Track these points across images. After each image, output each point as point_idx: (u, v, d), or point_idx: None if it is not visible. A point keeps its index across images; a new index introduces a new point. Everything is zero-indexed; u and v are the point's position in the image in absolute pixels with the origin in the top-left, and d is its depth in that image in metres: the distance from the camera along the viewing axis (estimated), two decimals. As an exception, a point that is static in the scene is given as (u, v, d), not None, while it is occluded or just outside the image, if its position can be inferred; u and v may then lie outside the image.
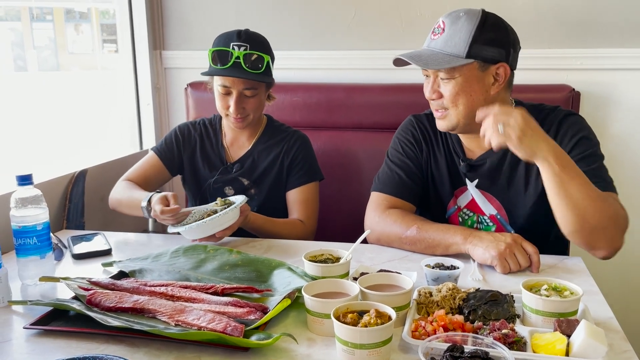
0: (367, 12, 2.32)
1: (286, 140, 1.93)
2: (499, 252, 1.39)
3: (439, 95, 1.53)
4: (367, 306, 1.04)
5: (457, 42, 1.47)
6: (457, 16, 1.49)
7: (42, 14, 10.73)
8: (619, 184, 1.50)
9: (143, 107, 2.51)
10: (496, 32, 1.49)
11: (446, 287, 1.17)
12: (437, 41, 1.51)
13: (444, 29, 1.50)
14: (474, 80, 1.49)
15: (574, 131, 1.53)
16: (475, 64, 1.48)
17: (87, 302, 1.19)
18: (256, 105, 1.85)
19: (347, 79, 2.35)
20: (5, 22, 4.15)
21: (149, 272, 1.38)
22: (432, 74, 1.53)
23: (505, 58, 1.50)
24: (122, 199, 1.84)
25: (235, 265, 1.38)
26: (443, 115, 1.55)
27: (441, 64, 1.47)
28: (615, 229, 1.39)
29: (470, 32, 1.46)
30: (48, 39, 10.61)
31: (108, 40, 2.80)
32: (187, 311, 1.13)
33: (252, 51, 1.77)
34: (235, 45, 1.77)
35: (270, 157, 1.92)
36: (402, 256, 1.53)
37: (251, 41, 1.79)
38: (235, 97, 1.79)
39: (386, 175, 1.70)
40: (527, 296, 1.11)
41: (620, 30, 2.14)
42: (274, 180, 1.91)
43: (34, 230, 1.34)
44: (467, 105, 1.50)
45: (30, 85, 5.58)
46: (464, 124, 1.54)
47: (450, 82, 1.50)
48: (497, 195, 1.63)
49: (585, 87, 2.16)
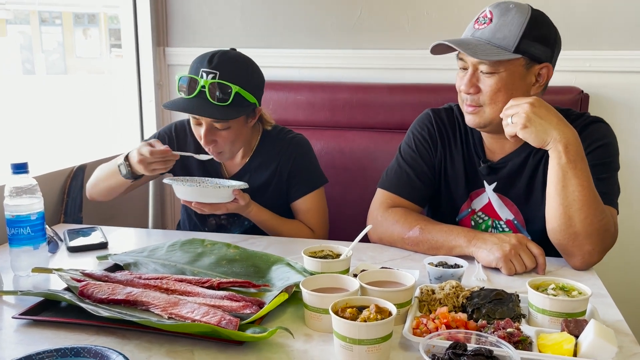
0: (373, 11, 2.29)
1: (283, 150, 1.78)
2: (504, 254, 1.35)
3: (476, 89, 1.45)
4: (367, 301, 1.01)
5: (506, 34, 1.40)
6: (507, 8, 1.42)
7: (51, 18, 10.77)
8: (627, 188, 1.47)
9: (145, 104, 2.48)
10: (546, 30, 1.43)
11: (449, 285, 1.13)
12: (483, 31, 1.43)
13: (491, 19, 1.42)
14: (517, 77, 1.42)
15: (593, 139, 1.48)
16: (521, 60, 1.41)
17: (79, 294, 1.16)
18: (230, 139, 1.65)
19: (352, 78, 2.32)
20: (15, 26, 4.17)
21: (144, 265, 1.35)
22: (471, 65, 1.44)
23: (550, 58, 1.45)
24: (97, 174, 1.77)
25: (232, 260, 1.35)
26: (476, 111, 1.47)
27: (489, 55, 1.39)
28: (598, 243, 1.36)
29: (522, 25, 1.39)
30: (56, 43, 10.65)
31: (116, 45, 2.79)
32: (181, 304, 1.09)
33: (220, 80, 1.56)
34: (204, 71, 1.57)
35: (268, 172, 1.78)
36: (404, 255, 1.49)
37: (222, 67, 1.57)
38: (205, 129, 1.61)
39: (395, 173, 1.64)
40: (533, 295, 1.07)
41: (629, 32, 2.10)
42: (273, 194, 1.79)
43: (28, 220, 1.31)
44: (506, 103, 1.41)
45: (38, 88, 5.61)
46: (498, 123, 1.45)
47: (492, 77, 1.42)
48: (515, 200, 1.57)
49: (593, 90, 2.12)
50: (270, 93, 2.26)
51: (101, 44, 4.38)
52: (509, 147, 1.56)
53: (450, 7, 2.19)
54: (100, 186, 1.77)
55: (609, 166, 1.47)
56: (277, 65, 2.36)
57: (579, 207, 1.31)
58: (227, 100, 1.57)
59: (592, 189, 1.33)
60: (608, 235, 1.37)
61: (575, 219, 1.32)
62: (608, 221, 1.36)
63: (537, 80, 1.46)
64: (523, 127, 1.32)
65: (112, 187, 1.75)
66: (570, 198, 1.31)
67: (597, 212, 1.33)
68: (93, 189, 1.81)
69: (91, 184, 1.81)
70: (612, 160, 1.49)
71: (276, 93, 2.27)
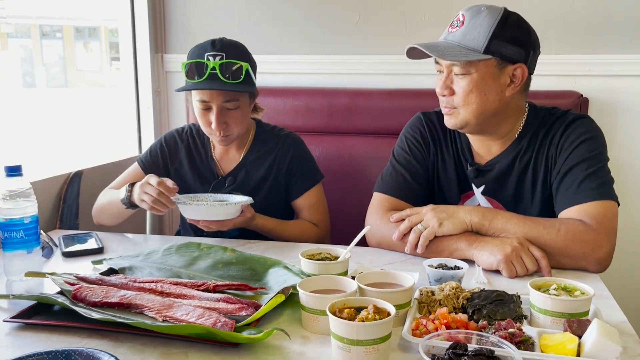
0: (371, 17, 2.29)
1: (279, 146, 1.81)
2: (505, 255, 1.33)
3: (450, 91, 1.47)
4: (365, 302, 0.98)
5: (476, 36, 1.41)
6: (478, 10, 1.44)
7: (52, 31, 10.85)
8: (627, 191, 1.46)
9: (143, 111, 2.47)
10: (518, 31, 1.43)
11: (449, 286, 1.11)
12: (455, 34, 1.44)
13: (463, 22, 1.44)
14: (489, 78, 1.43)
15: (576, 135, 1.48)
16: (493, 60, 1.42)
17: (73, 297, 1.13)
18: (239, 119, 1.70)
19: (351, 83, 2.31)
20: (16, 39, 4.18)
21: (139, 269, 1.33)
22: (445, 68, 1.46)
23: (524, 59, 1.44)
24: (103, 201, 1.77)
25: (229, 263, 1.33)
26: (451, 112, 1.49)
27: (457, 56, 1.41)
28: (599, 249, 1.35)
29: (491, 26, 1.40)
30: (57, 56, 10.74)
31: (116, 58, 2.78)
32: (175, 306, 1.07)
33: (229, 60, 1.63)
34: (210, 55, 1.63)
35: (264, 167, 1.80)
36: (403, 259, 1.47)
37: (227, 49, 1.64)
38: (215, 111, 1.65)
39: (390, 176, 1.64)
40: (535, 295, 1.05)
41: (629, 36, 2.10)
42: (270, 190, 1.80)
43: (21, 224, 1.29)
44: (479, 104, 1.44)
45: (39, 100, 5.62)
46: (475, 124, 1.48)
47: (464, 78, 1.44)
48: (504, 203, 1.57)
49: (593, 94, 2.11)
50: (269, 99, 2.25)
51: (102, 57, 4.37)
52: (495, 149, 1.57)
53: (449, 12, 2.17)
54: (107, 212, 1.77)
55: (596, 158, 1.46)
56: (276, 71, 2.36)
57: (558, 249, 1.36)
58: (239, 78, 1.64)
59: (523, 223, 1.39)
60: (605, 236, 1.36)
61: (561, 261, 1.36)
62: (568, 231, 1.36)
63: (512, 81, 1.46)
64: (440, 228, 1.43)
65: (113, 215, 1.75)
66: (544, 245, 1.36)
67: (575, 240, 1.35)
68: (99, 215, 1.80)
69: (97, 210, 1.80)
70: (600, 152, 1.48)
71: (274, 99, 2.26)
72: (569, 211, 1.42)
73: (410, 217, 1.47)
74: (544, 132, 1.53)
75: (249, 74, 1.67)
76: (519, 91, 1.49)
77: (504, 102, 1.47)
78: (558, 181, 1.47)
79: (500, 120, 1.51)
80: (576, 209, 1.40)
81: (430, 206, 1.47)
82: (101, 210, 1.78)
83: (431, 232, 1.42)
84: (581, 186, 1.42)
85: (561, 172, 1.47)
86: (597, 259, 1.35)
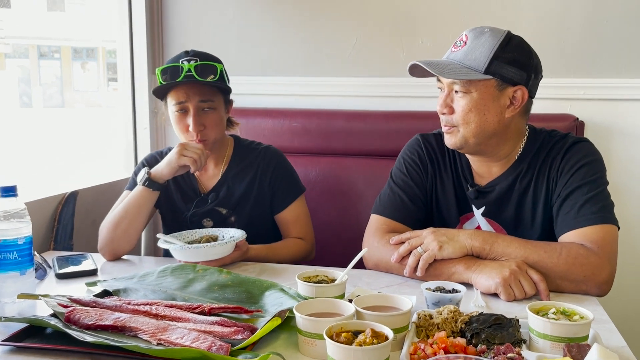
0: (368, 40, 2.31)
1: (259, 159, 1.83)
2: (503, 278, 1.32)
3: (450, 110, 1.48)
4: (363, 326, 0.97)
5: (477, 56, 1.42)
6: (482, 31, 1.45)
7: (49, 52, 10.85)
8: (623, 213, 1.46)
9: (140, 131, 2.47)
10: (519, 54, 1.44)
11: (447, 310, 1.10)
12: (457, 53, 1.46)
13: (465, 42, 1.45)
14: (489, 98, 1.44)
15: (576, 159, 1.48)
16: (493, 81, 1.43)
17: (66, 320, 1.12)
18: (216, 121, 1.73)
19: (348, 105, 2.32)
20: (13, 59, 4.19)
21: (133, 291, 1.31)
22: (447, 87, 1.47)
23: (525, 82, 1.45)
24: (115, 214, 1.69)
25: (224, 285, 1.32)
26: (450, 131, 1.50)
27: (458, 74, 1.42)
28: (599, 274, 1.35)
29: (493, 48, 1.42)
30: (54, 76, 10.73)
31: (113, 79, 2.80)
32: (170, 329, 1.05)
33: (204, 62, 1.69)
34: (185, 60, 1.68)
35: (246, 181, 1.81)
36: (401, 281, 1.46)
37: (200, 55, 1.72)
38: (192, 112, 1.68)
39: (388, 198, 1.63)
40: (534, 319, 1.04)
41: (623, 60, 2.12)
42: (254, 204, 1.80)
43: (15, 245, 1.27)
44: (478, 124, 1.45)
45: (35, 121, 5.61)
46: (474, 144, 1.49)
47: (464, 97, 1.44)
48: (504, 225, 1.57)
49: (589, 117, 2.12)
50: (266, 120, 2.26)
51: (99, 78, 4.38)
52: (495, 171, 1.57)
53: (445, 35, 2.20)
54: (124, 221, 1.67)
55: (596, 182, 1.46)
56: (273, 93, 2.37)
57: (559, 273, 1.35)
58: (215, 77, 1.70)
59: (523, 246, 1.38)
60: (606, 260, 1.36)
61: (561, 284, 1.36)
62: (569, 255, 1.35)
63: (512, 102, 1.46)
64: (440, 251, 1.42)
65: (135, 215, 1.68)
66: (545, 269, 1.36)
67: (576, 264, 1.34)
68: (114, 232, 1.67)
69: (110, 227, 1.67)
70: (600, 176, 1.48)
71: (272, 120, 2.26)
72: (570, 235, 1.41)
73: (410, 240, 1.47)
74: (544, 155, 1.53)
75: (222, 75, 1.73)
76: (519, 113, 1.49)
77: (503, 123, 1.47)
78: (558, 205, 1.47)
79: (500, 141, 1.51)
80: (577, 233, 1.40)
81: (430, 229, 1.46)
82: (117, 225, 1.66)
83: (431, 255, 1.41)
84: (581, 210, 1.42)
85: (561, 195, 1.47)
86: (598, 282, 1.35)
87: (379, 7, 2.28)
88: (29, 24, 7.32)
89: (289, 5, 2.36)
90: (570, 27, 2.14)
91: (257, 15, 2.39)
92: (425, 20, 2.25)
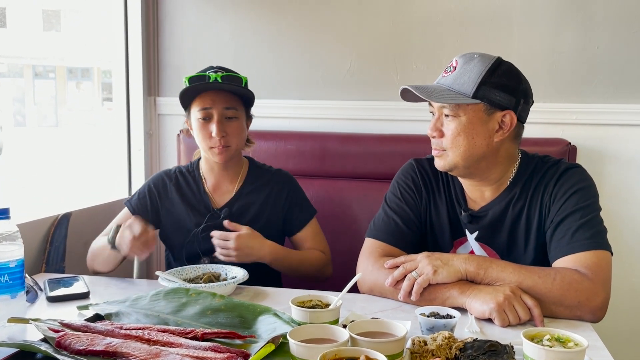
0: (363, 64, 2.33)
1: (273, 181, 1.88)
2: (497, 304, 1.32)
3: (440, 133, 1.50)
4: (357, 352, 0.97)
5: (465, 80, 1.44)
6: (471, 57, 1.48)
7: (44, 71, 10.99)
8: (616, 239, 1.46)
9: (134, 153, 2.47)
10: (507, 79, 1.46)
11: (442, 336, 1.09)
12: (447, 78, 1.49)
13: (455, 67, 1.48)
14: (477, 122, 1.46)
15: (569, 185, 1.50)
16: (481, 105, 1.45)
17: (56, 345, 1.10)
18: (238, 131, 1.78)
19: (342, 128, 2.34)
20: (8, 79, 4.21)
21: (126, 315, 1.30)
22: (437, 110, 1.50)
23: (514, 107, 1.46)
24: (94, 248, 1.77)
25: (218, 310, 1.30)
26: (440, 154, 1.52)
27: (445, 98, 1.45)
28: (594, 299, 1.35)
29: (481, 73, 1.44)
30: (49, 96, 10.82)
31: (108, 99, 2.81)
32: (162, 355, 1.04)
33: (229, 73, 1.77)
34: (211, 71, 1.75)
35: (260, 201, 1.84)
36: (395, 306, 1.46)
37: (225, 69, 1.79)
38: (216, 119, 1.73)
39: (382, 222, 1.64)
40: (528, 346, 1.03)
41: (615, 86, 2.15)
42: (265, 224, 1.82)
43: (7, 268, 1.27)
44: (467, 147, 1.47)
45: (29, 139, 5.60)
46: (463, 167, 1.50)
47: (453, 121, 1.46)
48: (498, 249, 1.57)
49: (581, 141, 2.14)
50: (260, 142, 2.26)
51: (93, 97, 4.39)
52: (488, 195, 1.58)
53: (438, 59, 2.23)
54: (100, 259, 1.75)
55: (589, 208, 1.47)
56: (268, 115, 2.37)
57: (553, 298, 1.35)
58: (240, 86, 1.77)
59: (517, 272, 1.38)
60: (600, 286, 1.36)
61: (555, 310, 1.36)
62: (562, 281, 1.36)
63: (501, 127, 1.48)
64: (435, 276, 1.41)
65: (105, 260, 1.73)
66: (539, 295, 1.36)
67: (570, 289, 1.34)
68: (92, 262, 1.78)
69: (90, 256, 1.78)
70: (593, 202, 1.49)
71: (266, 142, 2.27)
72: (563, 261, 1.42)
73: (404, 264, 1.47)
74: (537, 180, 1.54)
75: (247, 86, 1.80)
76: (509, 138, 1.51)
77: (492, 147, 1.49)
78: (552, 230, 1.48)
79: (490, 165, 1.52)
80: (570, 259, 1.41)
81: (425, 253, 1.46)
82: (94, 257, 1.77)
83: (425, 280, 1.41)
84: (575, 236, 1.42)
85: (554, 221, 1.47)
86: (593, 308, 1.35)
87: (374, 32, 2.31)
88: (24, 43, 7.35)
89: (284, 29, 2.39)
90: (562, 52, 2.17)
91: (252, 38, 2.41)
92: (420, 45, 2.27)
